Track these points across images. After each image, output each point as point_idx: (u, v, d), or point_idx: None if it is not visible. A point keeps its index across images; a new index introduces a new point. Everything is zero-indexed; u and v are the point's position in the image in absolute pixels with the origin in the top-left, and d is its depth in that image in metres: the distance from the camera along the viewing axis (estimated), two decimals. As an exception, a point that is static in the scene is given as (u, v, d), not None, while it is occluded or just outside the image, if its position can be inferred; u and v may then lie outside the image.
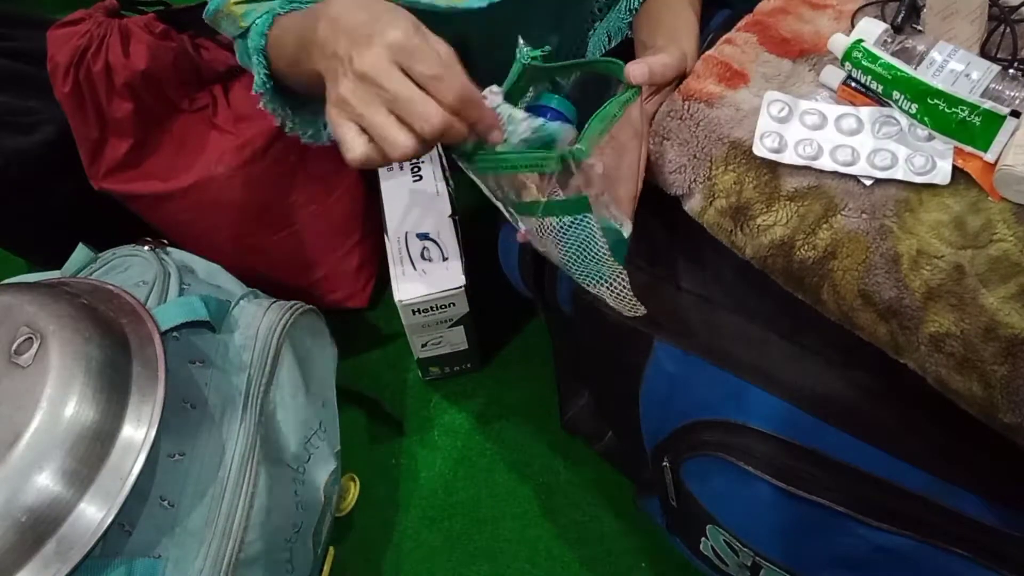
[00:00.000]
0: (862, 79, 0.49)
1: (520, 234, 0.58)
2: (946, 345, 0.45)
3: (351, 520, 0.81)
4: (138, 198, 0.84)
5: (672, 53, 0.56)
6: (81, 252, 0.70)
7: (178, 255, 0.72)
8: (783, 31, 0.54)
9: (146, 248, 0.70)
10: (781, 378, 0.52)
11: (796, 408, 0.51)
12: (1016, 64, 0.47)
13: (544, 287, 0.68)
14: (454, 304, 0.78)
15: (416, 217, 0.81)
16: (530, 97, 0.57)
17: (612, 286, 0.55)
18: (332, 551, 0.73)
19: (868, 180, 0.47)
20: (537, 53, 0.55)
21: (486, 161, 0.51)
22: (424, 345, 0.84)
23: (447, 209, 0.82)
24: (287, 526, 0.63)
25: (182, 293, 0.66)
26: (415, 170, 0.85)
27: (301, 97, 0.67)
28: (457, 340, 0.84)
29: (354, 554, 0.80)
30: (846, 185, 0.47)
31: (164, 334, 0.59)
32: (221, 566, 0.56)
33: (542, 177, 0.51)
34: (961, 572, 0.50)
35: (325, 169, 0.88)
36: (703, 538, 0.62)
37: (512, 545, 0.79)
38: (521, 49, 0.55)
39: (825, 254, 0.48)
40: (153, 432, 0.53)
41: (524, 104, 0.56)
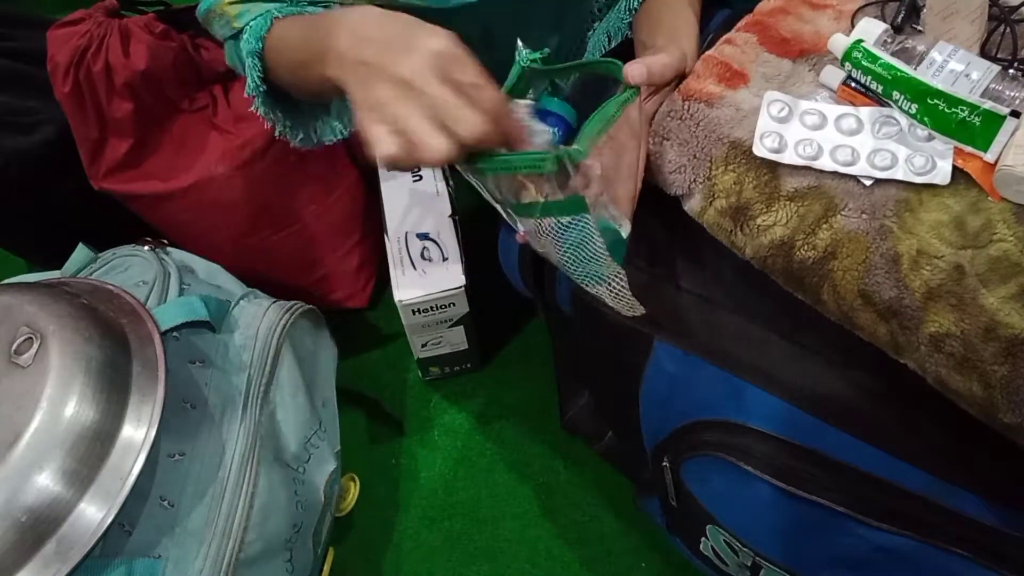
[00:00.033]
0: (862, 79, 0.49)
1: (519, 235, 0.58)
2: (946, 345, 0.45)
3: (351, 520, 0.81)
4: (138, 198, 0.84)
5: (671, 53, 0.56)
6: (81, 252, 0.70)
7: (178, 255, 0.72)
8: (783, 31, 0.54)
9: (146, 248, 0.70)
10: (781, 378, 0.52)
11: (796, 408, 0.51)
12: (1016, 64, 0.47)
13: (544, 287, 0.68)
14: (454, 304, 0.78)
15: (416, 217, 0.81)
16: (529, 99, 0.58)
17: (611, 286, 0.55)
18: (332, 551, 0.73)
19: (868, 180, 0.47)
20: (536, 55, 0.55)
21: (485, 163, 0.51)
22: (424, 345, 0.84)
23: (447, 209, 0.82)
24: (287, 526, 0.63)
25: (182, 293, 0.66)
26: (415, 170, 0.85)
27: (294, 101, 0.67)
28: (457, 340, 0.84)
29: (354, 554, 0.80)
30: (846, 185, 0.47)
31: (164, 334, 0.59)
32: (221, 566, 0.56)
33: (540, 178, 0.51)
34: (961, 572, 0.50)
35: (325, 169, 0.88)
36: (703, 538, 0.62)
37: (512, 545, 0.79)
38: (520, 51, 0.55)
39: (825, 254, 0.48)
40: (153, 432, 0.53)
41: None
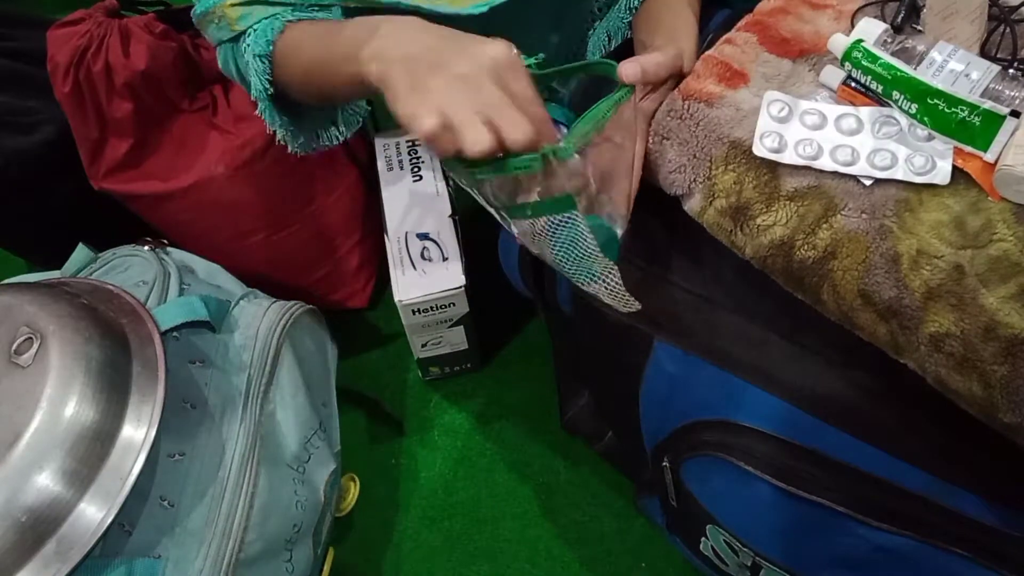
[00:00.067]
0: (862, 79, 0.49)
1: (517, 236, 0.57)
2: (946, 345, 0.45)
3: (351, 520, 0.81)
4: (138, 198, 0.84)
5: (666, 51, 0.56)
6: (81, 252, 0.70)
7: (178, 255, 0.72)
8: (783, 31, 0.54)
9: (146, 248, 0.70)
10: (781, 378, 0.52)
11: (796, 408, 0.51)
12: (1016, 64, 0.47)
13: (544, 287, 0.68)
14: (454, 304, 0.78)
15: (416, 217, 0.81)
16: None
17: (606, 282, 0.55)
18: (332, 551, 0.73)
19: (868, 180, 0.47)
20: (531, 61, 0.54)
21: (479, 166, 0.51)
22: (424, 345, 0.84)
23: (447, 209, 0.82)
24: (287, 526, 0.63)
25: (182, 293, 0.66)
26: (415, 170, 0.85)
27: (296, 107, 0.67)
28: (457, 340, 0.84)
29: (354, 554, 0.80)
30: (846, 185, 0.47)
31: (164, 334, 0.59)
32: (221, 566, 0.56)
33: (530, 178, 0.51)
34: (961, 572, 0.50)
35: (325, 169, 0.88)
36: (703, 538, 0.62)
37: (512, 545, 0.79)
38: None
39: (825, 254, 0.48)
40: (153, 432, 0.53)
41: None
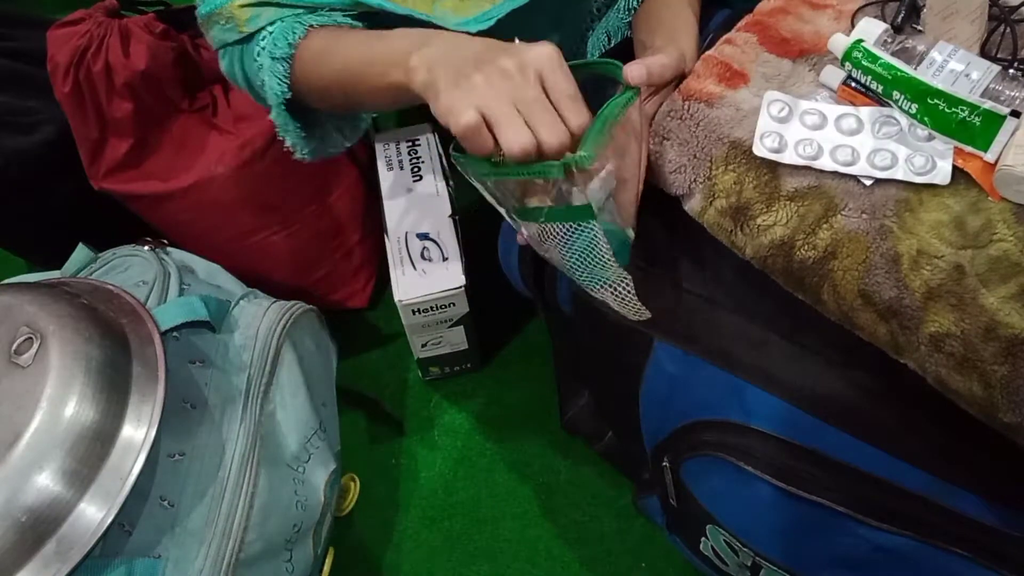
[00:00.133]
0: (862, 79, 0.49)
1: (520, 236, 0.57)
2: (946, 345, 0.45)
3: (351, 520, 0.81)
4: (138, 198, 0.84)
5: (670, 53, 0.56)
6: (81, 252, 0.70)
7: (178, 255, 0.72)
8: (783, 31, 0.54)
9: (146, 248, 0.70)
10: (781, 378, 0.52)
11: (796, 408, 0.51)
12: (1016, 64, 0.47)
13: (544, 287, 0.68)
14: (454, 304, 0.78)
15: (416, 217, 0.81)
16: None
17: (616, 290, 0.55)
18: (332, 551, 0.73)
19: (868, 180, 0.47)
20: None
21: (493, 168, 0.51)
22: (424, 345, 0.84)
23: (447, 209, 0.82)
24: (287, 526, 0.63)
25: (182, 293, 0.66)
26: (415, 170, 0.85)
27: (306, 114, 0.67)
28: (457, 340, 0.84)
29: (354, 554, 0.80)
30: (846, 185, 0.47)
31: (164, 334, 0.59)
32: (221, 566, 0.56)
33: (546, 184, 0.51)
34: (961, 572, 0.50)
35: (325, 169, 0.88)
36: (703, 538, 0.62)
37: (512, 545, 0.79)
38: None
39: (825, 254, 0.48)
40: (153, 432, 0.53)
41: None
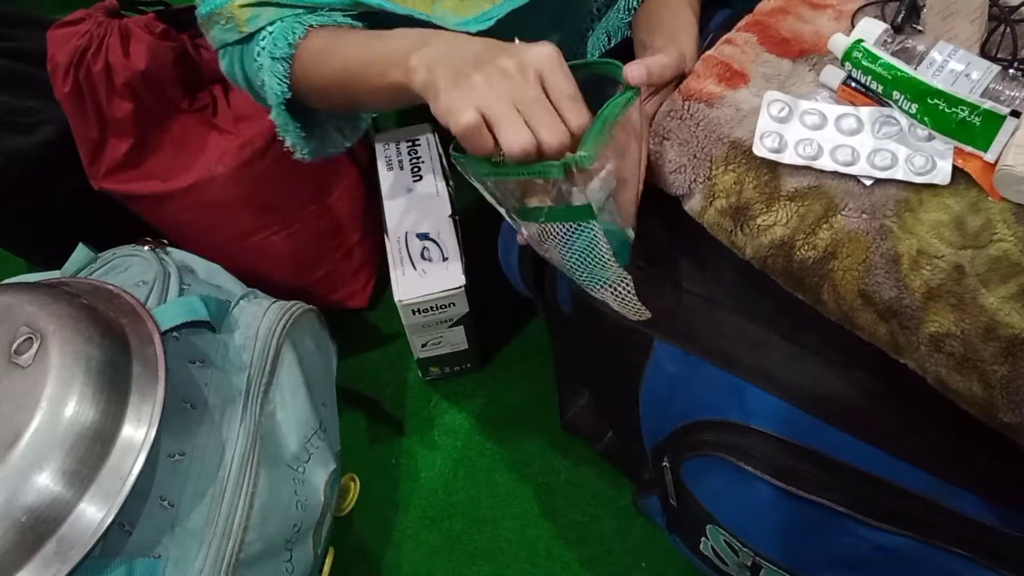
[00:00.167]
0: (862, 79, 0.49)
1: (520, 236, 0.57)
2: (946, 345, 0.45)
3: (351, 520, 0.81)
4: (138, 198, 0.84)
5: (670, 53, 0.56)
6: (81, 252, 0.70)
7: (178, 255, 0.72)
8: (783, 31, 0.54)
9: (146, 248, 0.70)
10: (781, 378, 0.52)
11: (796, 408, 0.51)
12: (1016, 64, 0.47)
13: (544, 287, 0.68)
14: (454, 304, 0.78)
15: (416, 217, 0.81)
16: None
17: (616, 291, 0.55)
18: (332, 551, 0.73)
19: (868, 180, 0.47)
20: None
21: (493, 168, 0.51)
22: (424, 345, 0.84)
23: (447, 209, 0.82)
24: (287, 526, 0.63)
25: (182, 293, 0.66)
26: (415, 170, 0.85)
27: (306, 114, 0.67)
28: (457, 340, 0.84)
29: (354, 554, 0.80)
30: (846, 185, 0.47)
31: (164, 334, 0.59)
32: (221, 566, 0.56)
33: (546, 184, 0.51)
34: (961, 572, 0.50)
35: (325, 169, 0.88)
36: (703, 538, 0.62)
37: (512, 545, 0.79)
38: None
39: (825, 254, 0.48)
40: (153, 432, 0.53)
41: None
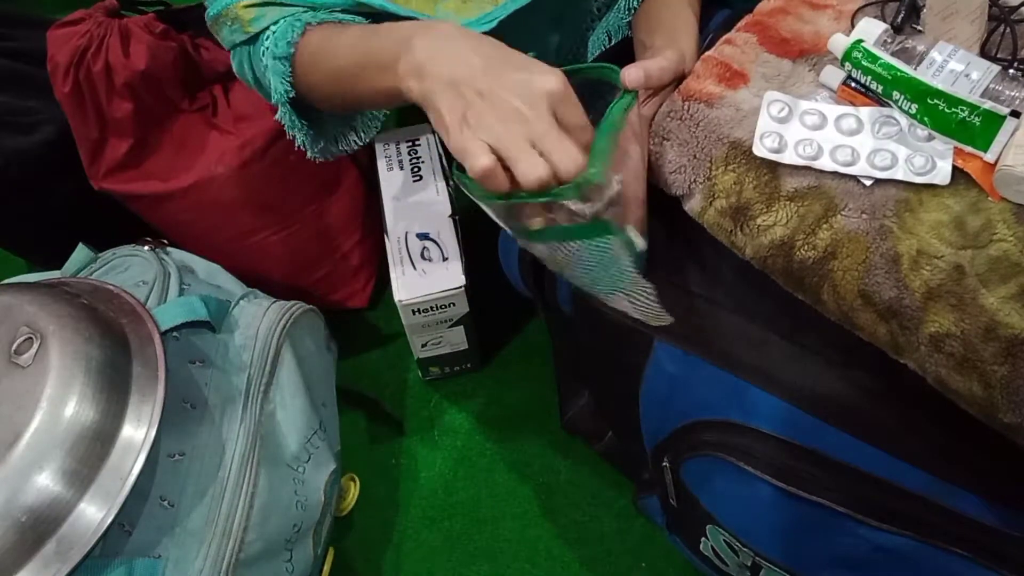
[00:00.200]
0: (862, 79, 0.49)
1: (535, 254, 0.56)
2: (946, 345, 0.45)
3: (351, 520, 0.81)
4: (138, 198, 0.84)
5: (668, 55, 0.56)
6: (81, 252, 0.70)
7: (178, 255, 0.72)
8: (783, 31, 0.54)
9: (146, 248, 0.70)
10: (781, 378, 0.52)
11: (796, 408, 0.51)
12: (1016, 64, 0.47)
13: (544, 287, 0.68)
14: (454, 304, 0.78)
15: (416, 217, 0.81)
16: None
17: (634, 298, 0.54)
18: (332, 551, 0.73)
19: (868, 180, 0.47)
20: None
21: (503, 196, 0.50)
22: (424, 345, 0.84)
23: (447, 209, 0.82)
24: (287, 526, 0.63)
25: (182, 293, 0.66)
26: (415, 170, 0.85)
27: (316, 112, 0.67)
28: (457, 340, 0.84)
29: (354, 554, 0.80)
30: (846, 185, 0.47)
31: (164, 334, 0.59)
32: (221, 566, 0.56)
33: (557, 205, 0.49)
34: (961, 572, 0.50)
35: (325, 169, 0.87)
36: (703, 538, 0.62)
37: (512, 545, 0.79)
38: None
39: (825, 254, 0.48)
40: (153, 432, 0.53)
41: None
